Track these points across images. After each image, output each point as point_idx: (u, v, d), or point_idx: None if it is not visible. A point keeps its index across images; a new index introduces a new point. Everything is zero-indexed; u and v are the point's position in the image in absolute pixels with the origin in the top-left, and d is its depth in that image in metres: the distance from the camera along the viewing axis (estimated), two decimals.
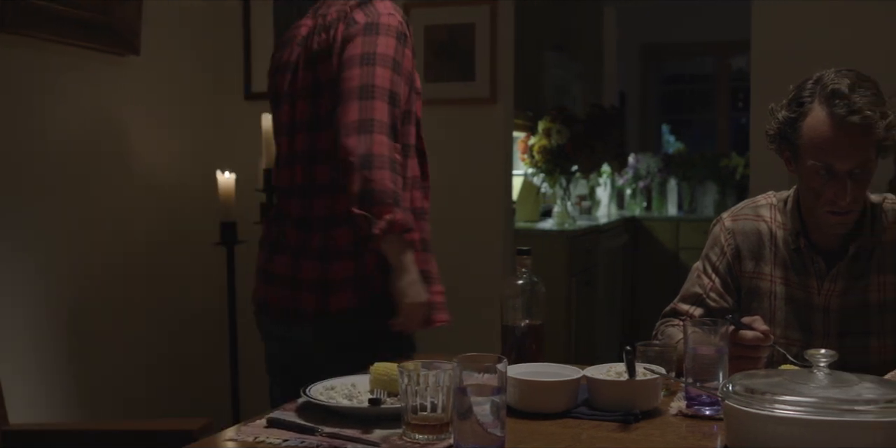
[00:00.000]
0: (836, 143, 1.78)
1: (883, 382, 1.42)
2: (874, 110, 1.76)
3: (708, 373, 1.65)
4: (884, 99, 1.80)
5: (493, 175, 3.60)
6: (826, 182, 1.82)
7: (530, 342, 1.93)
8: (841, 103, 1.76)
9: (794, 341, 1.96)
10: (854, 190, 1.81)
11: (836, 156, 1.78)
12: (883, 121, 1.77)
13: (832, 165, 1.79)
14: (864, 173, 1.81)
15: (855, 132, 1.76)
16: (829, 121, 1.77)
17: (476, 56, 3.56)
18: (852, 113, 1.75)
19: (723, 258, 2.03)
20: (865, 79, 1.82)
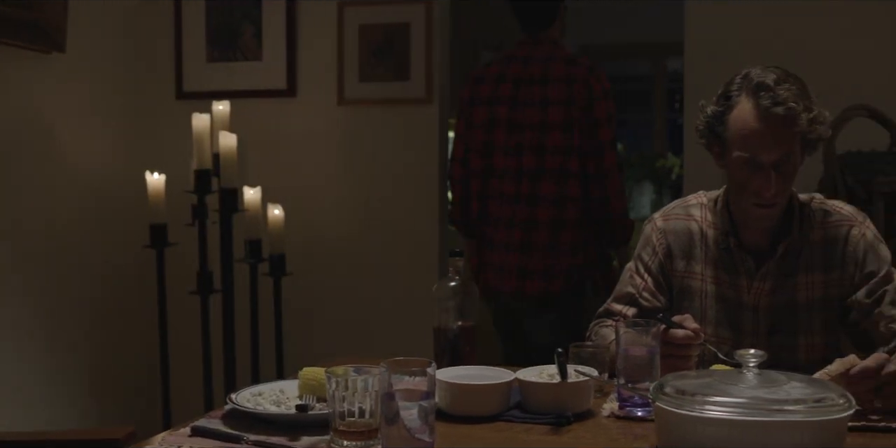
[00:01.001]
0: (761, 135, 1.80)
1: (811, 382, 1.43)
2: (798, 103, 1.78)
3: (640, 373, 1.64)
4: (809, 95, 1.83)
5: (429, 176, 3.57)
6: (751, 174, 1.83)
7: (463, 344, 1.91)
8: (766, 95, 1.79)
9: (724, 340, 1.96)
10: (778, 182, 1.82)
11: (761, 147, 1.80)
12: (806, 114, 1.79)
13: (757, 157, 1.81)
14: (788, 166, 1.83)
15: (779, 123, 1.79)
16: (755, 112, 1.80)
17: (411, 56, 3.52)
18: (776, 104, 1.78)
19: (655, 258, 2.03)
20: (792, 75, 1.85)
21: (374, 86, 3.57)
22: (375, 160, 3.61)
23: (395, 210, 3.60)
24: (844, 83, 3.25)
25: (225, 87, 3.65)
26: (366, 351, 3.49)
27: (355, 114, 3.62)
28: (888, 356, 1.59)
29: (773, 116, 1.78)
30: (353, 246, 3.64)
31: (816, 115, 1.81)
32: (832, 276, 1.92)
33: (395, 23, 3.54)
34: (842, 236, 1.93)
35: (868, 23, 3.31)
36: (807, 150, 1.87)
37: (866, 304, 1.89)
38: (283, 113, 3.68)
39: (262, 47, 3.67)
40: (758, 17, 3.37)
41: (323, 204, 3.65)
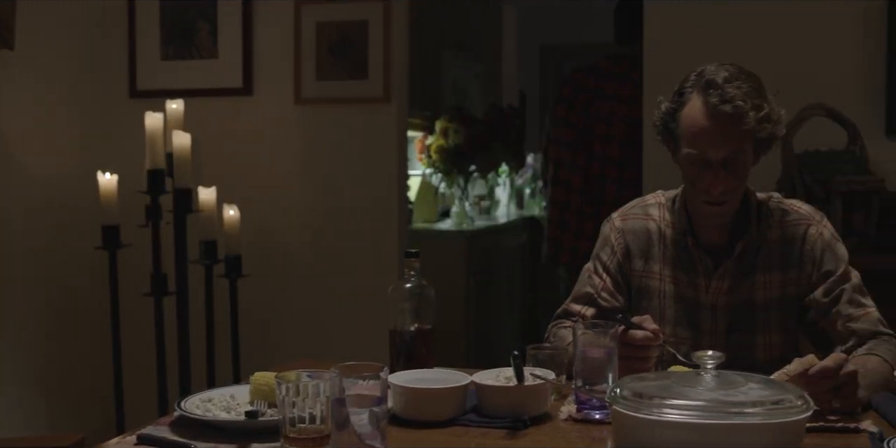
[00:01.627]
0: (709, 132, 1.79)
1: (769, 383, 1.41)
2: (746, 101, 1.77)
3: (598, 375, 1.62)
4: (763, 93, 1.82)
5: (387, 175, 3.53)
6: (701, 171, 1.83)
7: (419, 347, 1.88)
8: (715, 93, 1.78)
9: (683, 339, 1.95)
10: (727, 180, 1.82)
11: (709, 144, 1.80)
12: (755, 112, 1.78)
13: (705, 154, 1.80)
14: (737, 164, 1.82)
15: (726, 121, 1.77)
16: (704, 109, 1.79)
17: (369, 54, 3.48)
18: (724, 102, 1.77)
19: (613, 258, 2.02)
20: (746, 73, 1.83)
21: (331, 84, 3.52)
22: (333, 160, 3.57)
23: (354, 211, 3.56)
24: (802, 82, 3.26)
25: (180, 86, 3.59)
26: (324, 354, 3.42)
27: (312, 113, 3.57)
28: (846, 356, 1.58)
29: (720, 114, 1.78)
30: (310, 247, 3.59)
31: (767, 113, 1.79)
32: (790, 275, 1.92)
33: (352, 20, 3.50)
34: (799, 235, 1.92)
35: (826, 22, 3.33)
36: (760, 149, 1.85)
37: (824, 303, 1.88)
38: (239, 112, 3.63)
39: (218, 45, 3.62)
40: (715, 17, 3.38)
41: (280, 204, 3.61)
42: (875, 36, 3.28)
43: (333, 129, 3.57)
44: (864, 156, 3.11)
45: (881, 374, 1.71)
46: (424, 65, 4.85)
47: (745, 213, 1.93)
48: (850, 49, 3.31)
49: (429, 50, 4.96)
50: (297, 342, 3.55)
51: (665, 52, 3.39)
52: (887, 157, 3.22)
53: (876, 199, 3.02)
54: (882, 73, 3.27)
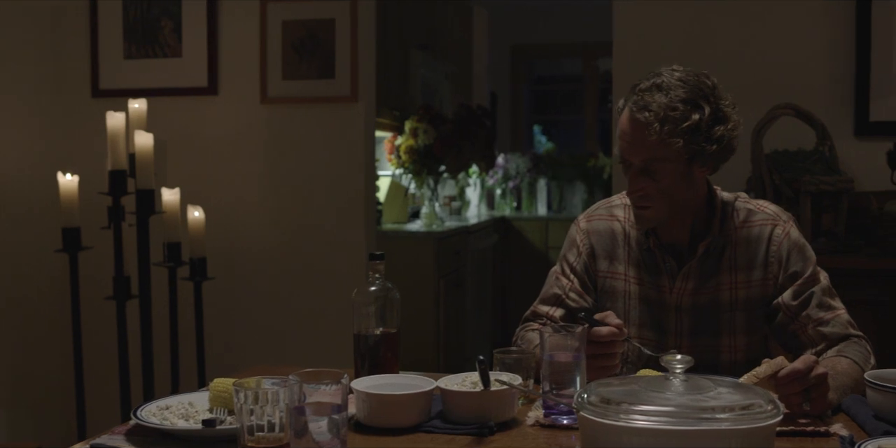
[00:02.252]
0: (628, 136, 1.81)
1: (738, 387, 1.38)
2: (658, 112, 1.75)
3: (565, 379, 1.59)
4: (698, 104, 1.77)
5: (355, 176, 3.49)
6: (626, 173, 1.86)
7: (384, 351, 1.83)
8: (635, 99, 1.79)
9: (648, 341, 1.93)
10: (647, 185, 1.82)
11: (627, 148, 1.82)
12: (661, 124, 1.75)
13: (625, 157, 1.83)
14: (658, 171, 1.81)
15: (638, 129, 1.78)
16: (626, 114, 1.82)
17: (336, 53, 3.44)
18: (639, 110, 1.77)
19: (579, 259, 2.00)
20: (691, 81, 1.79)
21: (297, 84, 3.48)
22: (300, 160, 3.52)
23: (320, 212, 3.52)
24: (771, 82, 3.28)
25: (143, 85, 3.55)
26: (291, 358, 3.42)
27: (278, 112, 3.53)
28: (816, 358, 1.56)
29: (634, 121, 1.79)
30: (276, 249, 3.55)
31: (692, 125, 1.75)
32: (755, 276, 1.89)
33: (319, 19, 3.46)
34: (765, 235, 1.90)
35: (795, 23, 3.33)
36: (699, 160, 1.81)
37: (793, 306, 1.86)
38: (204, 111, 3.59)
39: (182, 43, 3.57)
40: (686, 18, 3.38)
41: (245, 205, 3.57)
42: (844, 37, 3.30)
43: (300, 129, 3.52)
44: (833, 156, 3.11)
45: (851, 377, 1.70)
46: (393, 64, 4.81)
47: (709, 213, 1.91)
48: (819, 50, 3.33)
49: (398, 49, 4.92)
50: (263, 346, 3.50)
51: (634, 53, 3.39)
52: (856, 157, 3.24)
53: (845, 199, 3.02)
54: (851, 73, 3.29)
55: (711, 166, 1.85)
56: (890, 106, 3.25)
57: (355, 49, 3.43)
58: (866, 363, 1.77)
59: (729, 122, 1.80)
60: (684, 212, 1.89)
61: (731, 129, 1.80)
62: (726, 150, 1.82)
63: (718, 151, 1.80)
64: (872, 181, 3.17)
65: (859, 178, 3.17)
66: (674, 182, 1.82)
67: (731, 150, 1.84)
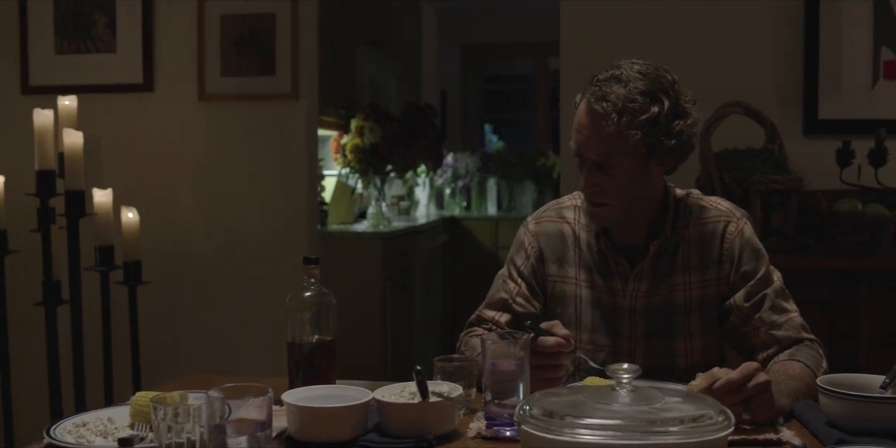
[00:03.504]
0: (585, 129, 1.75)
1: (687, 397, 1.32)
2: (618, 103, 1.69)
3: (508, 388, 1.52)
4: (658, 97, 1.72)
5: (297, 176, 3.42)
6: (580, 168, 1.80)
7: (320, 360, 1.74)
8: (594, 90, 1.73)
9: (601, 346, 1.87)
10: (603, 181, 1.77)
11: (583, 142, 1.76)
12: (620, 116, 1.70)
13: (581, 151, 1.77)
14: (613, 166, 1.75)
15: (596, 120, 1.72)
16: (584, 106, 1.75)
17: (277, 49, 3.36)
18: (597, 100, 1.71)
19: (527, 262, 1.93)
20: (650, 74, 1.74)
21: (237, 80, 3.40)
22: (239, 160, 3.45)
23: (261, 213, 3.44)
24: (720, 80, 3.26)
25: (75, 82, 3.45)
26: (231, 365, 3.34)
27: (217, 110, 3.45)
28: (758, 366, 1.49)
29: (591, 112, 1.73)
30: (215, 252, 3.47)
31: (650, 118, 1.70)
32: (708, 274, 1.84)
33: (259, 13, 3.38)
34: (718, 233, 1.84)
35: (744, 21, 3.32)
36: (656, 156, 1.75)
37: (745, 308, 1.80)
38: (140, 109, 3.49)
39: (116, 38, 3.47)
40: (633, 17, 3.36)
41: (183, 207, 3.48)
42: (792, 35, 3.31)
43: (240, 127, 3.44)
44: (782, 154, 3.08)
45: (803, 381, 1.65)
46: (340, 62, 4.72)
47: (662, 211, 1.84)
48: (768, 48, 3.33)
49: (344, 47, 4.83)
50: (202, 353, 3.43)
51: (581, 52, 3.35)
52: (805, 156, 3.22)
53: (794, 197, 3.00)
54: (799, 72, 3.28)
55: (669, 164, 1.79)
56: (839, 104, 3.24)
57: (297, 45, 3.35)
58: (818, 367, 1.72)
59: (688, 118, 1.75)
60: (640, 211, 1.83)
61: (690, 124, 1.75)
62: (685, 147, 1.77)
63: (676, 147, 1.74)
64: (821, 180, 3.16)
65: (808, 176, 3.15)
66: (630, 178, 1.76)
67: (689, 147, 1.78)
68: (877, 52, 3.21)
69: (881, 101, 3.21)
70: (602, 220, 1.82)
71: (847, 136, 3.08)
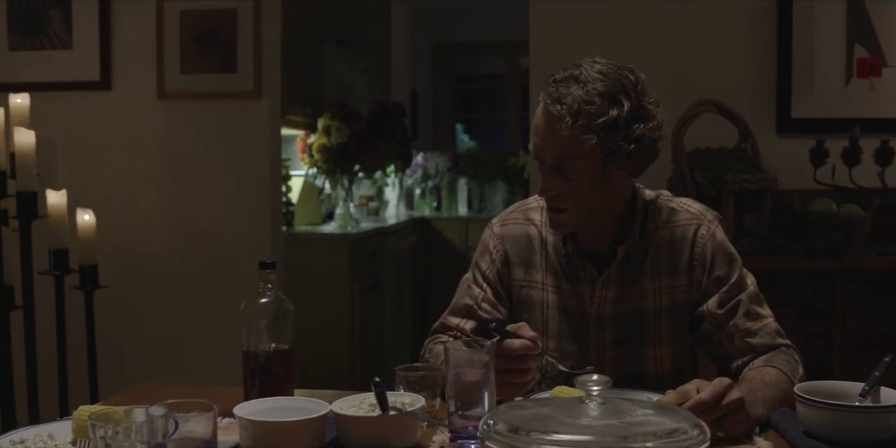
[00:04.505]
0: (541, 131, 1.68)
1: (660, 410, 1.26)
2: (573, 105, 1.62)
3: (474, 398, 1.44)
4: (618, 99, 1.63)
5: (260, 176, 3.35)
6: (539, 171, 1.73)
7: (277, 369, 1.66)
8: (550, 91, 1.66)
9: (568, 354, 1.80)
10: (558, 185, 1.70)
11: (538, 144, 1.69)
12: (575, 119, 1.62)
13: (537, 153, 1.71)
14: (570, 170, 1.68)
15: (551, 123, 1.65)
16: (541, 107, 1.69)
17: (238, 46, 3.29)
18: (553, 102, 1.64)
19: (492, 266, 1.85)
20: (612, 75, 1.66)
21: (197, 78, 3.33)
22: (200, 159, 3.38)
23: (223, 215, 3.37)
24: (692, 78, 3.23)
25: (30, 79, 3.37)
26: (191, 373, 3.28)
27: (177, 109, 3.37)
28: (730, 382, 1.43)
29: (548, 114, 1.66)
30: (175, 255, 3.40)
31: (608, 121, 1.62)
32: (679, 280, 1.77)
33: (220, 9, 3.30)
34: (689, 237, 1.77)
35: (716, 19, 3.30)
36: (615, 161, 1.67)
37: (718, 315, 1.74)
38: (97, 108, 3.42)
39: (73, 34, 3.39)
40: (604, 16, 3.32)
41: (141, 208, 3.40)
42: (765, 33, 3.27)
43: (200, 127, 3.37)
44: (755, 153, 3.04)
45: (780, 389, 1.59)
46: (305, 60, 4.64)
47: (630, 214, 1.78)
48: (741, 46, 3.30)
49: (311, 45, 4.74)
50: (162, 360, 3.36)
51: (551, 51, 3.31)
52: (778, 155, 3.19)
53: (768, 197, 2.95)
54: (772, 70, 3.25)
55: (630, 168, 1.70)
56: (812, 103, 3.21)
57: (258, 42, 3.28)
58: (795, 374, 1.66)
59: (650, 121, 1.65)
60: (603, 216, 1.75)
61: (652, 128, 1.65)
62: (647, 152, 1.68)
63: (637, 152, 1.65)
64: (795, 179, 3.11)
65: (782, 176, 3.11)
66: (588, 183, 1.68)
67: (652, 151, 1.69)
68: (850, 49, 3.18)
69: (855, 100, 3.18)
70: (561, 225, 1.75)
71: (821, 134, 3.04)
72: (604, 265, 1.77)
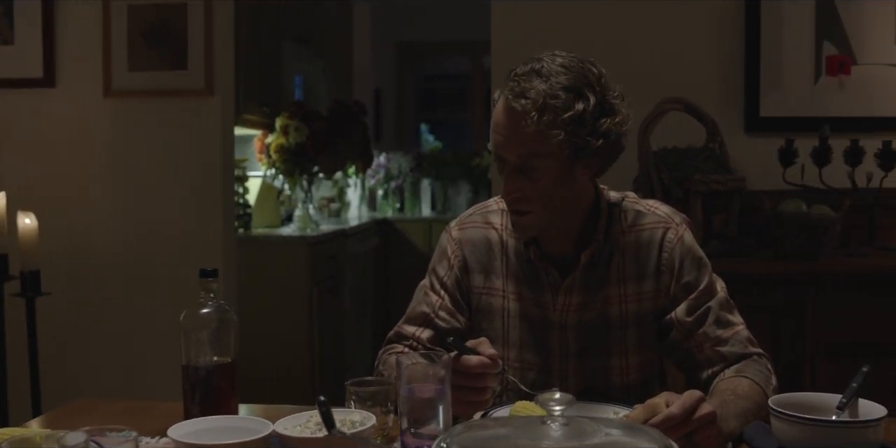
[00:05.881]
0: (503, 129, 1.59)
1: (628, 430, 1.17)
2: (537, 99, 1.54)
3: (427, 415, 1.35)
4: (583, 93, 1.56)
5: (211, 177, 3.27)
6: (500, 172, 1.63)
7: (219, 384, 1.56)
8: (511, 86, 1.57)
9: (530, 364, 1.71)
10: (522, 186, 1.59)
11: (501, 143, 1.59)
12: (541, 114, 1.53)
13: (500, 153, 1.60)
14: (535, 170, 1.59)
15: (514, 119, 1.56)
16: (502, 103, 1.60)
17: (189, 41, 3.20)
18: (515, 97, 1.55)
19: (450, 273, 1.76)
20: (575, 68, 1.58)
21: (146, 75, 3.24)
22: (149, 160, 3.28)
23: (172, 217, 3.28)
24: (659, 76, 3.18)
25: None
26: (140, 383, 3.21)
27: (124, 107, 3.29)
28: (701, 396, 1.34)
29: (510, 110, 1.57)
30: (123, 260, 3.30)
31: (574, 116, 1.54)
32: (646, 286, 1.68)
33: (170, 3, 3.22)
34: (656, 241, 1.68)
35: (682, 17, 3.25)
36: (582, 158, 1.59)
37: (688, 323, 1.65)
38: (40, 106, 3.33)
39: (14, 30, 3.30)
40: (567, 16, 3.26)
41: (87, 211, 3.31)
42: (733, 29, 3.22)
43: (149, 126, 3.28)
44: (723, 153, 2.97)
45: (753, 400, 1.51)
46: (263, 57, 4.52)
47: (593, 217, 1.68)
48: (708, 43, 3.25)
49: (268, 42, 4.62)
50: (106, 370, 3.25)
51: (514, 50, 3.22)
52: (747, 155, 3.15)
53: (737, 198, 2.89)
54: (740, 67, 3.22)
55: (596, 166, 1.62)
56: (781, 101, 3.16)
57: (210, 37, 3.20)
58: (768, 384, 1.58)
59: (616, 116, 1.58)
60: (567, 219, 1.66)
61: (618, 123, 1.58)
62: (613, 148, 1.60)
63: (604, 148, 1.57)
64: (764, 179, 3.07)
65: (750, 176, 3.06)
66: (553, 183, 1.59)
67: (618, 147, 1.61)
68: (819, 47, 3.13)
69: (824, 98, 3.13)
70: (524, 228, 1.65)
71: (790, 133, 2.98)
72: (567, 271, 1.68)
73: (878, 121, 3.11)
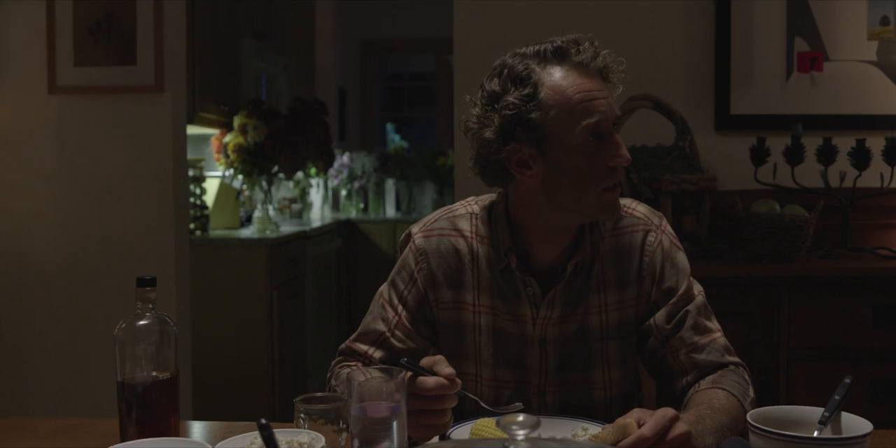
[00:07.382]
0: (597, 92, 1.49)
1: None
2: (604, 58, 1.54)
3: (380, 436, 1.25)
4: None
5: (162, 177, 3.16)
6: (595, 149, 1.48)
7: (157, 402, 1.45)
8: (579, 50, 1.52)
9: (505, 382, 1.59)
10: None
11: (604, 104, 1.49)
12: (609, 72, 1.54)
13: (607, 115, 1.49)
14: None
15: (599, 78, 1.52)
16: (574, 72, 1.50)
17: (138, 35, 3.09)
18: (592, 58, 1.51)
19: (412, 287, 1.62)
20: None
21: (92, 71, 3.14)
22: (96, 159, 3.17)
23: (122, 220, 3.17)
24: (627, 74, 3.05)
25: None
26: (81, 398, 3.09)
27: (70, 104, 3.18)
28: (675, 414, 1.25)
29: (593, 71, 1.52)
30: (70, 264, 3.19)
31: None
32: (628, 294, 1.58)
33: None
34: (637, 245, 1.58)
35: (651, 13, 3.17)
36: None
37: (666, 329, 1.56)
38: None
39: None
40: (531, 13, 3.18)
41: (31, 213, 3.21)
42: (702, 23, 3.14)
43: (96, 123, 3.17)
44: (694, 152, 2.88)
45: (730, 414, 1.42)
46: (221, 53, 4.39)
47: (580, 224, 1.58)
48: (676, 38, 3.16)
49: (226, 37, 4.49)
50: (51, 382, 3.13)
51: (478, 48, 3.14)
52: (717, 153, 3.08)
53: (707, 199, 2.80)
54: (710, 62, 3.14)
55: None
56: (752, 98, 3.07)
57: (160, 31, 3.09)
58: (745, 396, 1.50)
59: None
60: None
61: None
62: None
63: None
64: (735, 179, 2.99)
65: (721, 176, 2.98)
66: None
67: None
68: (790, 43, 3.05)
69: (796, 95, 3.05)
70: (619, 208, 1.54)
71: (761, 132, 2.89)
72: (546, 281, 1.56)
73: (851, 118, 3.03)
